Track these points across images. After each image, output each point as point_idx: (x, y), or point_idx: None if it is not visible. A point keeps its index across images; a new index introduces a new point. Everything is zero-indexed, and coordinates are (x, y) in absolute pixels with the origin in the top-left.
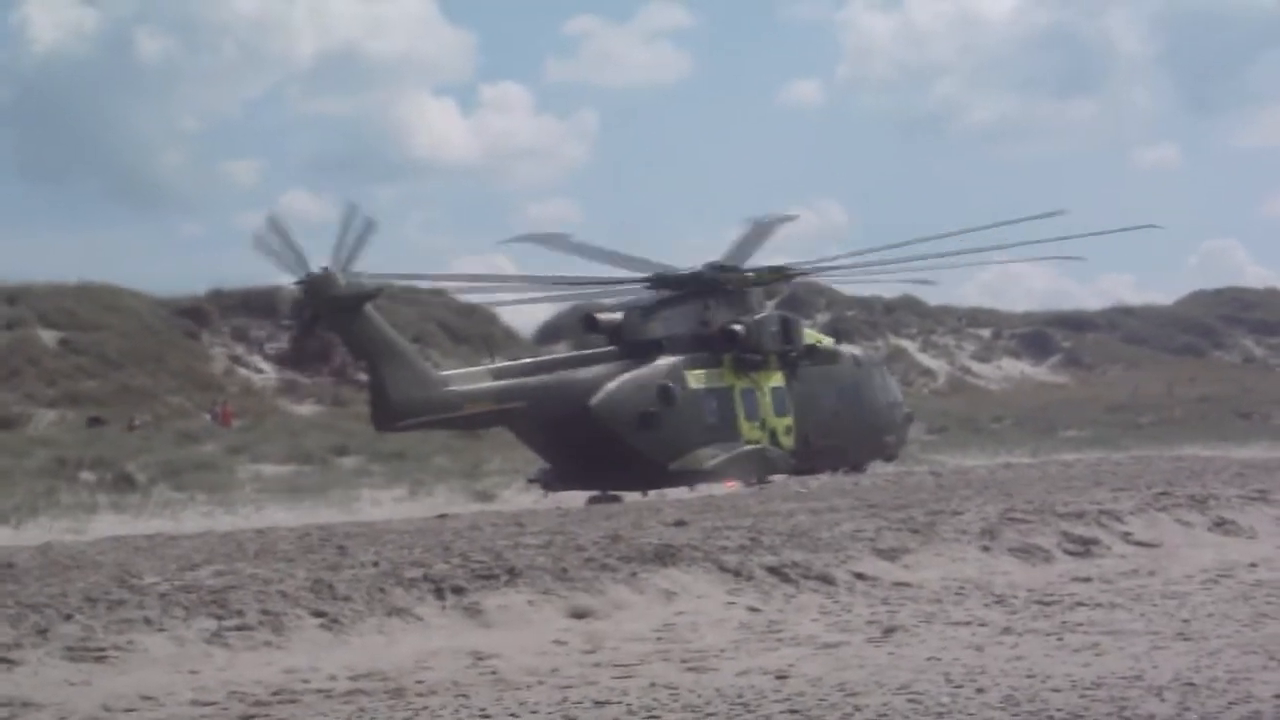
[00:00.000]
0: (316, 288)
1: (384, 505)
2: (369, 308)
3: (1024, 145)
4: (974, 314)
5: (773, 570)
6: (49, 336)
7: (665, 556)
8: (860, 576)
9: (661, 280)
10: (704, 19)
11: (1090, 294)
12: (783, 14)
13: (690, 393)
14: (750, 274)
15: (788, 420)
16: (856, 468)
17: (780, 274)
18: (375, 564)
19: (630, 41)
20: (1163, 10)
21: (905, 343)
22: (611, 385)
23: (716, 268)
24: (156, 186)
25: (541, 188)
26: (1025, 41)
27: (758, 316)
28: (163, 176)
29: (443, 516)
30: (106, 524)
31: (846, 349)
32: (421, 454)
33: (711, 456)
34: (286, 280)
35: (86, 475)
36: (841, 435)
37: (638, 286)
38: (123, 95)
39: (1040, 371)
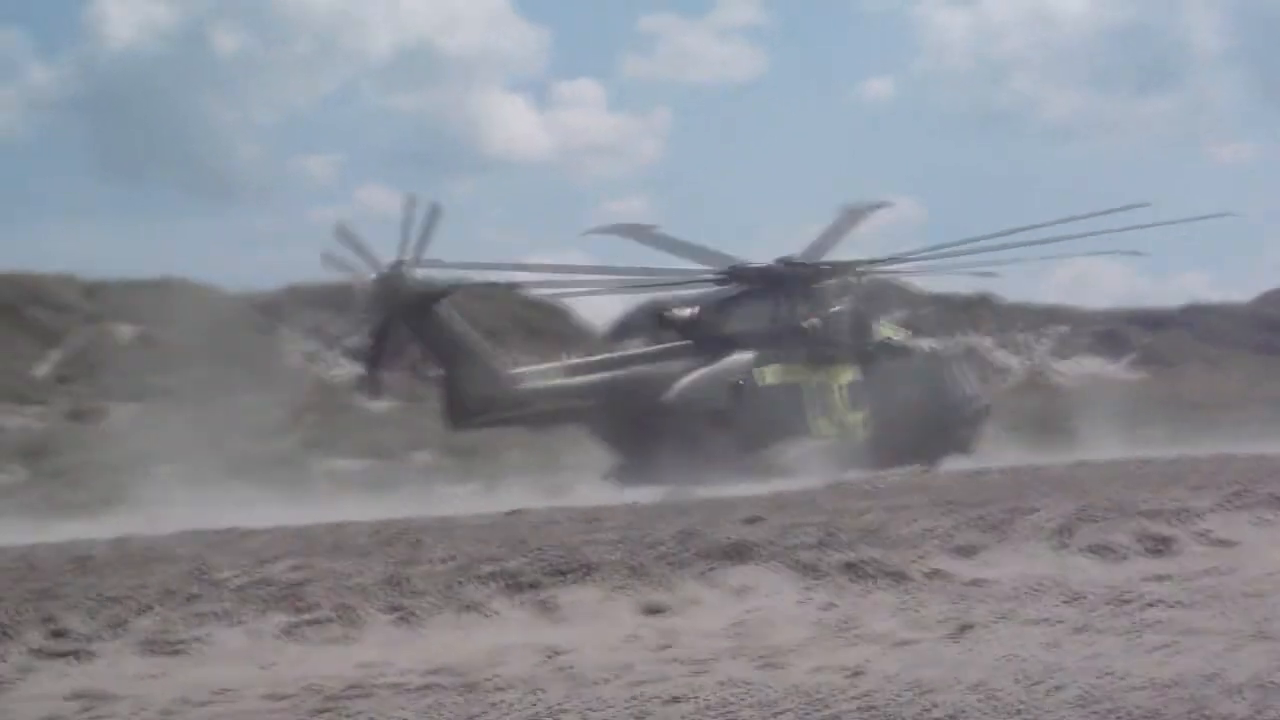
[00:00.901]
0: (388, 286)
1: (458, 500)
2: (442, 305)
3: (1100, 141)
4: (1051, 311)
5: (846, 567)
6: (126, 331)
7: (738, 553)
8: (934, 574)
9: (734, 274)
10: (779, 15)
11: (1168, 292)
12: (857, 9)
13: (763, 389)
14: (823, 268)
15: (861, 415)
16: (931, 462)
17: (852, 269)
18: (449, 559)
19: (705, 38)
20: (1240, 4)
21: (982, 339)
22: (685, 382)
23: (789, 262)
24: (233, 181)
25: (616, 184)
26: (1101, 36)
27: (831, 311)
28: (239, 171)
29: (516, 512)
30: (182, 518)
31: (921, 342)
32: (495, 450)
33: (785, 453)
34: (360, 278)
35: (163, 469)
36: (916, 430)
37: (711, 281)
38: (198, 90)
39: (1118, 369)
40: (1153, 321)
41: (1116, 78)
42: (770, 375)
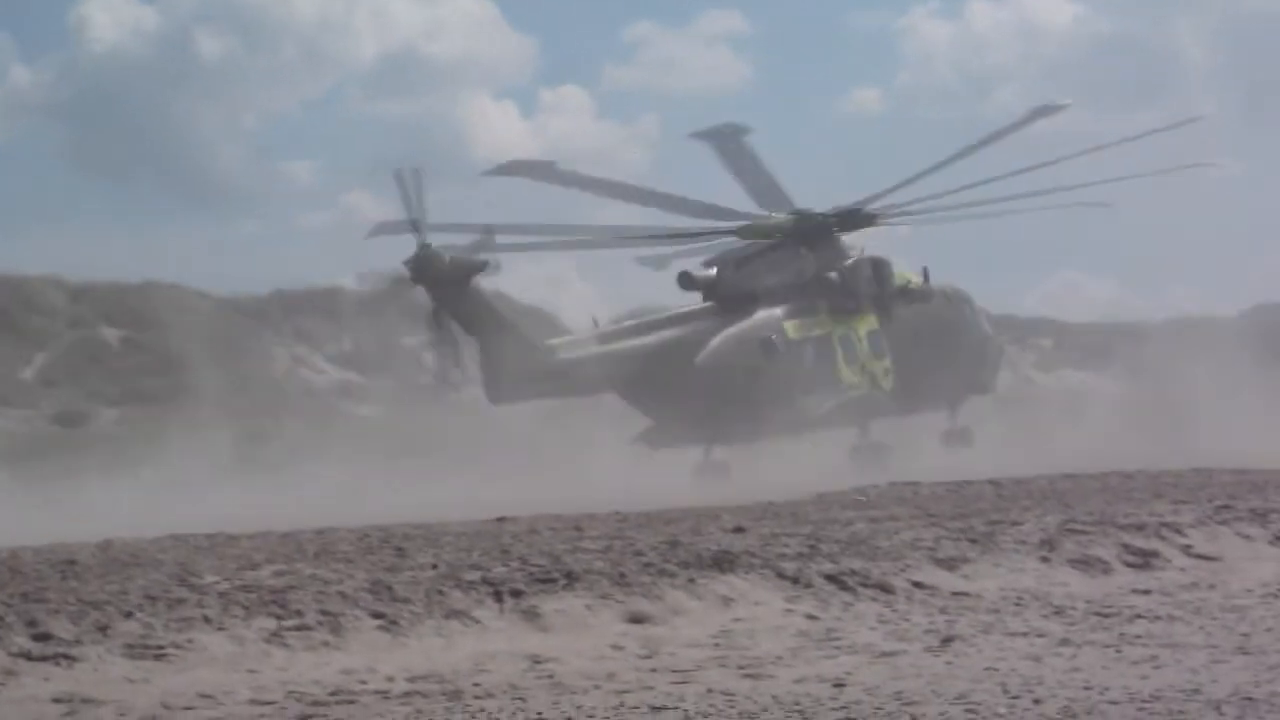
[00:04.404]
0: (422, 265)
1: (444, 507)
2: (476, 281)
3: (1088, 155)
4: (1035, 323)
5: (831, 578)
6: (112, 335)
7: (723, 563)
8: (919, 585)
9: (750, 230)
10: (763, 26)
11: (1154, 306)
12: (843, 21)
13: (791, 343)
14: (835, 217)
15: (885, 363)
16: (954, 404)
17: (862, 217)
18: (434, 566)
19: (690, 47)
20: (1228, 18)
21: None
22: (715, 342)
23: (804, 214)
24: (218, 185)
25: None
26: (1088, 50)
27: (849, 262)
28: (224, 175)
29: (501, 519)
30: (166, 522)
31: (937, 287)
32: (483, 455)
33: (817, 405)
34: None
35: (148, 472)
36: (938, 373)
37: (729, 237)
38: (182, 94)
39: (1101, 382)
40: (1137, 334)
41: (1104, 92)
42: (795, 330)
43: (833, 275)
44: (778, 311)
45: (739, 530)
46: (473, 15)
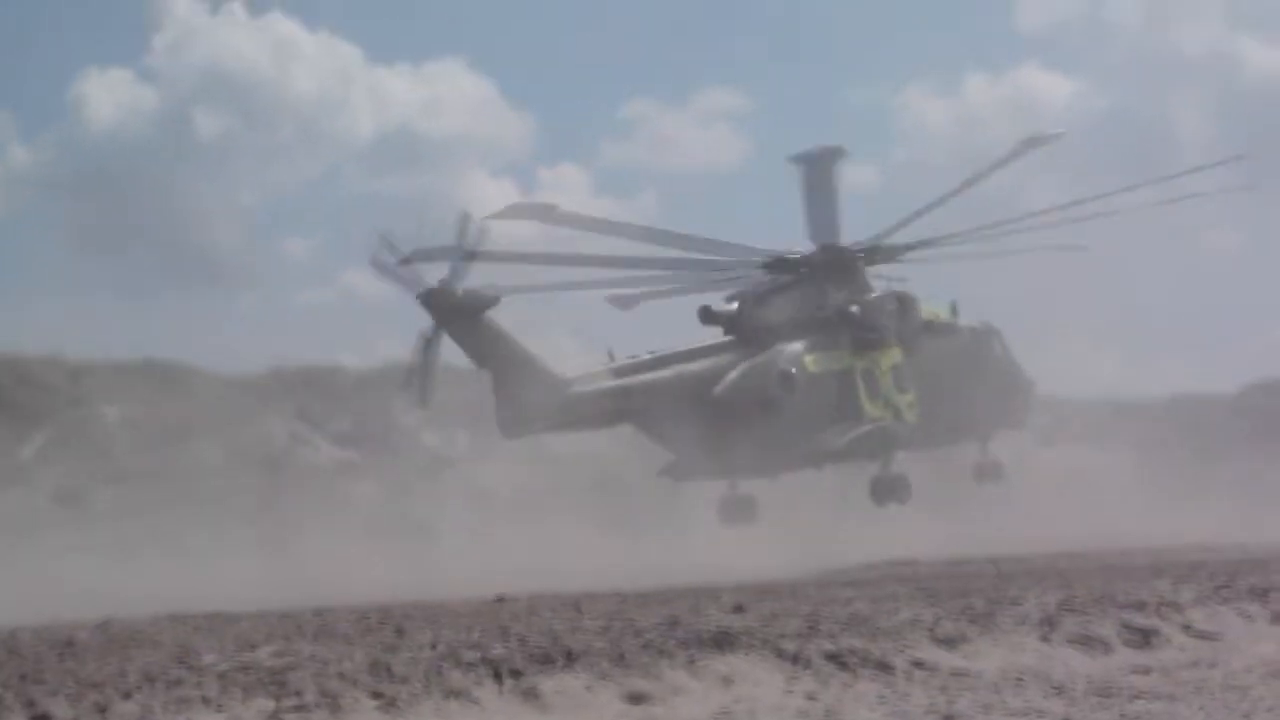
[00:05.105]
0: (435, 300)
1: (441, 586)
2: (488, 315)
3: (1086, 228)
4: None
5: (831, 657)
6: (111, 413)
7: (723, 642)
8: (919, 664)
9: (776, 264)
10: (760, 103)
11: (1153, 382)
12: (839, 98)
13: (811, 376)
14: (862, 253)
15: (909, 396)
16: (984, 438)
17: (885, 252)
18: (433, 646)
19: (687, 124)
20: (1227, 93)
21: None
22: (733, 375)
23: (830, 248)
24: (216, 262)
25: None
26: (1086, 126)
27: (872, 296)
28: (222, 252)
29: (500, 599)
30: (165, 601)
31: (964, 322)
32: (487, 533)
33: (836, 438)
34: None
35: (146, 551)
36: (967, 407)
37: (754, 270)
38: (181, 172)
39: (1101, 458)
40: (1138, 411)
41: (1102, 167)
42: (818, 362)
43: (855, 309)
44: (798, 345)
45: (739, 609)
46: (470, 93)
